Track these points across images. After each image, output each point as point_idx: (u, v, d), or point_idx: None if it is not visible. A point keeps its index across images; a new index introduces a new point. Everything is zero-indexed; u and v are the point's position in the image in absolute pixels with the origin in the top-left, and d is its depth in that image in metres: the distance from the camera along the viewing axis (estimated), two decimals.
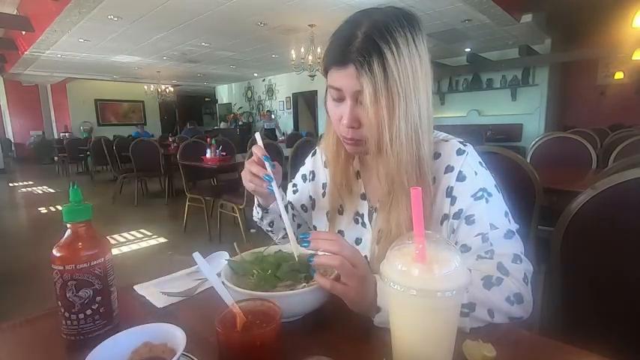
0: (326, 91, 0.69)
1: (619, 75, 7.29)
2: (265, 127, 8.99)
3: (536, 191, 1.32)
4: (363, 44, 0.59)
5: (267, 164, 0.69)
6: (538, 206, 1.32)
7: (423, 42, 0.62)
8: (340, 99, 0.66)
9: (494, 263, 0.60)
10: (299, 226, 0.94)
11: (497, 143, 6.36)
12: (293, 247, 0.63)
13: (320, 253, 0.53)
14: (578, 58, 6.90)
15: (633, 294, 0.74)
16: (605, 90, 7.65)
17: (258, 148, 0.70)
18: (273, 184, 0.70)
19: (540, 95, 7.23)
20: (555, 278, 0.86)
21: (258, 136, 0.75)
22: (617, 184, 0.77)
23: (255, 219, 0.90)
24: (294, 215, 0.92)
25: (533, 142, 2.76)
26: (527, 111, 7.37)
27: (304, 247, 0.54)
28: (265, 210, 0.83)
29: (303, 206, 0.92)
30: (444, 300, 0.40)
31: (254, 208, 0.88)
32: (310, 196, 0.90)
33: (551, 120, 7.40)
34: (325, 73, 0.67)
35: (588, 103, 7.77)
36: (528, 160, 2.07)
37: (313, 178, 0.90)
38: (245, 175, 0.73)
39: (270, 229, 0.89)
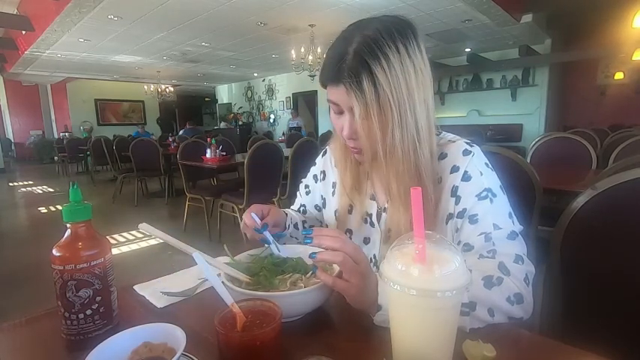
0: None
1: (619, 75, 7.28)
2: (290, 125, 9.06)
3: (536, 191, 1.31)
4: (352, 63, 0.60)
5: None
6: (538, 206, 1.32)
7: (417, 51, 0.63)
8: (340, 112, 0.68)
9: (496, 263, 0.61)
10: (308, 227, 0.95)
11: (497, 143, 6.35)
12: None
13: (322, 249, 0.54)
14: (578, 58, 6.88)
15: (633, 294, 0.74)
16: (605, 90, 7.64)
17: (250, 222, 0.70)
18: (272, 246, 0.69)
19: (540, 95, 7.21)
20: (555, 278, 0.86)
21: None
22: (617, 184, 0.77)
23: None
24: (304, 221, 0.92)
25: (533, 143, 2.76)
26: (527, 111, 7.36)
27: (307, 243, 0.54)
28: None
29: (316, 206, 0.93)
30: (444, 300, 0.39)
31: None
32: (322, 196, 0.91)
33: (551, 120, 7.39)
34: (324, 86, 0.68)
35: (588, 103, 7.76)
36: (528, 160, 2.08)
37: (324, 178, 0.91)
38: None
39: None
